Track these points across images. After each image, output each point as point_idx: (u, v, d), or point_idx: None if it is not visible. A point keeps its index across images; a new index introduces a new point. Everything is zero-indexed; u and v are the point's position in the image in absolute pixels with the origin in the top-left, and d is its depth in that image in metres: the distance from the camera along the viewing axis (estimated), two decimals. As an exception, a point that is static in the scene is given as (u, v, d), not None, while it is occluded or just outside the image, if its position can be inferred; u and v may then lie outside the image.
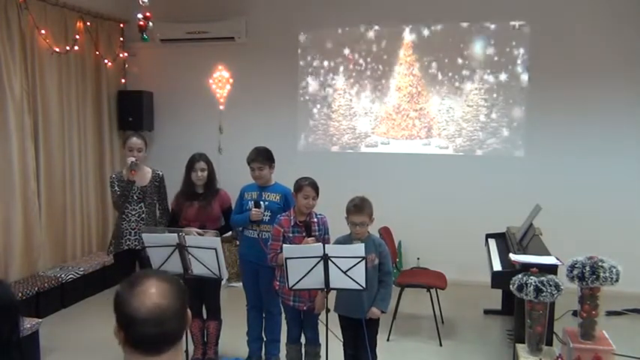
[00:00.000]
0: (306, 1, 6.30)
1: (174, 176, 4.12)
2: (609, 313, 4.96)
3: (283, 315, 3.78)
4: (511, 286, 3.39)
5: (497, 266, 4.18)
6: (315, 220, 3.57)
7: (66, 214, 5.81)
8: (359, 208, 3.27)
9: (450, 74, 6.02)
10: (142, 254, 3.83)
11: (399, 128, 6.22)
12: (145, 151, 4.09)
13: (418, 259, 6.03)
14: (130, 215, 4.00)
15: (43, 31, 5.33)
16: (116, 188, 4.01)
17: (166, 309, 1.33)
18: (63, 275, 5.28)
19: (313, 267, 3.06)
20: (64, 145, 5.77)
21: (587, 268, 3.25)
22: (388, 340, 4.46)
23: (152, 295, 1.33)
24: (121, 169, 4.22)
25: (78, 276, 5.42)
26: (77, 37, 5.78)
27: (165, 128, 6.75)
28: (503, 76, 5.92)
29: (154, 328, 1.31)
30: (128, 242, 4.00)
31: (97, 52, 6.14)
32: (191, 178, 3.93)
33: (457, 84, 6.03)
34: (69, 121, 5.83)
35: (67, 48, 5.69)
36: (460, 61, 5.99)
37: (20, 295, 4.69)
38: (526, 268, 3.57)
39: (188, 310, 1.42)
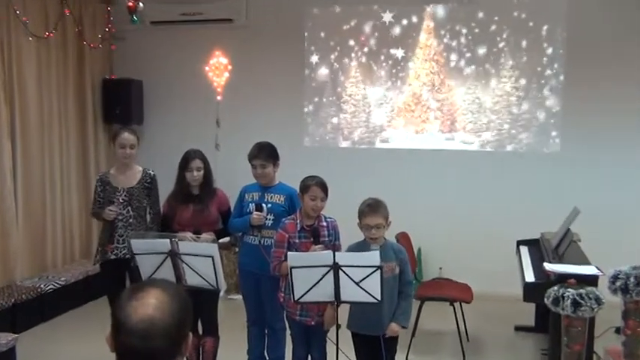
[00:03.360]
0: (314, -22, 6.32)
1: (166, 175, 4.13)
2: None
3: (288, 331, 3.79)
4: (545, 300, 3.38)
5: (529, 277, 4.16)
6: (325, 224, 3.56)
7: (46, 217, 5.85)
8: (373, 208, 3.27)
9: (477, 59, 6.01)
10: (131, 264, 3.85)
11: (418, 121, 6.21)
12: (137, 148, 4.12)
13: (440, 268, 6.02)
14: (116, 220, 4.02)
15: (19, 13, 5.37)
16: (99, 192, 4.05)
17: (157, 323, 1.34)
18: (42, 285, 5.32)
19: (322, 277, 3.06)
20: (44, 139, 5.81)
21: (632, 279, 3.23)
22: (407, 359, 4.46)
23: (147, 305, 1.36)
24: (107, 168, 4.25)
25: (59, 286, 5.45)
26: (58, 19, 5.82)
27: (156, 121, 6.77)
28: (536, 62, 5.89)
29: (139, 341, 1.33)
30: (115, 251, 4.03)
31: (81, 37, 6.18)
32: (185, 178, 3.95)
33: (485, 71, 6.00)
34: (49, 113, 5.87)
35: (47, 32, 5.73)
36: (488, 44, 5.97)
37: (-5, 307, 4.74)
38: (562, 278, 3.55)
39: (189, 335, 1.43)
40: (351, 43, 6.29)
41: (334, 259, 3.04)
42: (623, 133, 5.74)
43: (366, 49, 6.26)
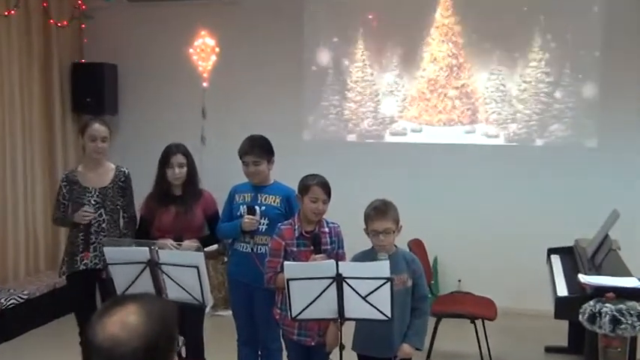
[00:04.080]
0: (315, -53, 6.31)
1: (144, 174, 4.13)
2: None
3: (284, 352, 3.79)
4: (580, 317, 3.38)
5: (562, 290, 4.16)
6: (327, 230, 3.57)
7: (6, 221, 5.85)
8: (381, 211, 3.27)
9: (502, 40, 6.00)
10: (102, 275, 3.85)
11: (434, 111, 6.21)
12: (109, 142, 4.12)
13: (459, 281, 6.02)
14: (86, 225, 4.02)
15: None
16: (64, 194, 4.04)
17: (123, 344, 1.38)
18: (3, 300, 5.31)
19: (323, 291, 3.06)
20: (5, 132, 5.81)
21: (680, 293, 3.23)
22: (420, 385, 4.46)
23: (116, 323, 1.40)
24: (75, 166, 4.24)
25: (21, 301, 5.45)
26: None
27: (133, 111, 6.77)
28: (570, 42, 5.88)
29: None
30: (85, 260, 4.03)
31: (46, 15, 6.17)
32: (166, 176, 3.95)
33: (510, 53, 6.00)
34: (10, 102, 5.87)
35: (8, 10, 5.72)
36: (514, 23, 5.96)
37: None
38: (600, 292, 3.54)
39: None
40: (358, 22, 6.28)
41: (337, 270, 3.04)
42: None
43: (375, 29, 6.25)
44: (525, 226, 5.87)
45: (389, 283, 3.00)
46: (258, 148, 3.84)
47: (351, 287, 3.04)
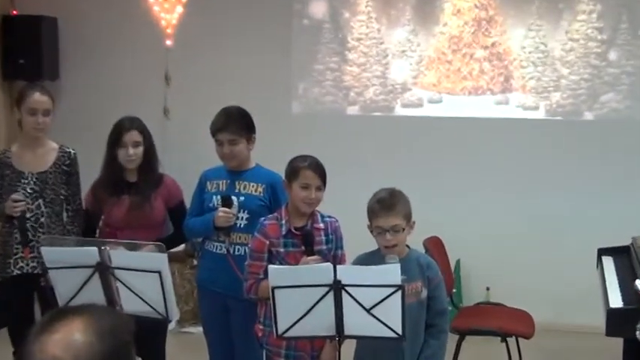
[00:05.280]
0: None
1: (91, 155, 4.13)
2: None
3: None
4: (638, 333, 3.40)
5: (615, 300, 4.18)
6: (322, 225, 3.58)
7: None
8: (387, 204, 3.27)
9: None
10: (42, 282, 3.85)
11: (457, 77, 6.20)
12: (52, 115, 4.12)
13: (488, 289, 6.05)
14: (20, 219, 4.02)
15: None
16: None
17: None
18: None
19: (318, 302, 3.07)
20: None
21: None
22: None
23: (58, 342, 1.40)
24: (8, 146, 4.23)
25: (-61, 315, 5.47)
26: None
27: (78, 76, 6.74)
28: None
29: None
30: (20, 264, 4.03)
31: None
32: (117, 159, 3.96)
33: (553, 3, 5.99)
34: None
35: None
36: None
37: None
38: (663, 303, 3.57)
39: None
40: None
41: (335, 276, 3.05)
42: None
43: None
44: (570, 220, 5.89)
45: (400, 292, 3.01)
46: (235, 124, 3.84)
47: (352, 297, 3.05)
